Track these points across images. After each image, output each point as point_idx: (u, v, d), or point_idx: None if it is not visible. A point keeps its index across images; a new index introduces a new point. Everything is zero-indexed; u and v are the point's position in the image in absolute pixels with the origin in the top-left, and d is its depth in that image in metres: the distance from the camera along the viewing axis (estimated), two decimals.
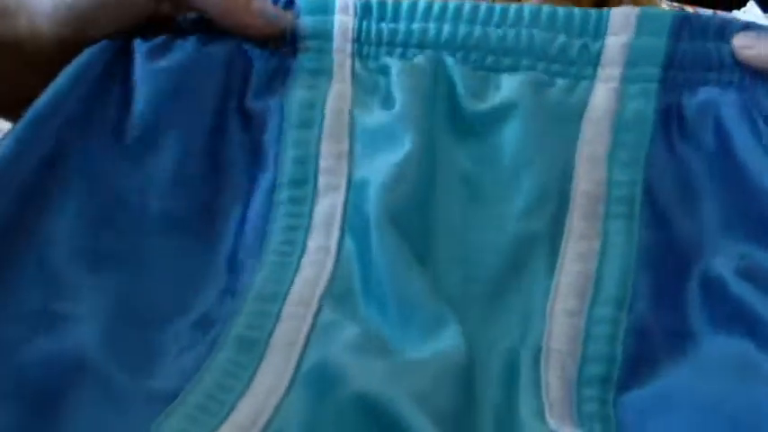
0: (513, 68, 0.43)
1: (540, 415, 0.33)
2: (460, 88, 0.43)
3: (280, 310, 0.36)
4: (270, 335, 0.35)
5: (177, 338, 0.35)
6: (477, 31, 0.44)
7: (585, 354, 0.35)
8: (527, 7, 0.44)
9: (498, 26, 0.44)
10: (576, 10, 0.44)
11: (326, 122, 0.42)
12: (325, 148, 0.41)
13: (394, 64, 0.43)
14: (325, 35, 0.44)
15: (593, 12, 0.43)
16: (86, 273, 0.36)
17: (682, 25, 0.42)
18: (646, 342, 0.36)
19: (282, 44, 0.44)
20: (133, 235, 0.39)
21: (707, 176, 0.40)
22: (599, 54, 0.43)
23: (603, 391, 0.35)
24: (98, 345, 0.33)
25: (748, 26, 0.43)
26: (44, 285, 0.35)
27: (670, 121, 0.42)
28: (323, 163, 0.41)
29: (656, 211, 0.39)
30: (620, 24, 0.43)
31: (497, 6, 0.45)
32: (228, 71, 0.43)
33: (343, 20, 0.44)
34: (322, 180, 0.40)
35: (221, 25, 0.44)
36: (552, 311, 0.37)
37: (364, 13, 0.45)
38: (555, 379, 0.34)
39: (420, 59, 0.43)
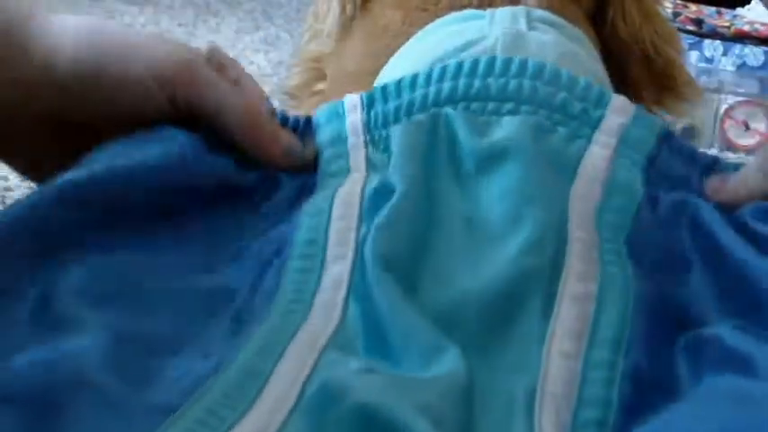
0: (515, 112, 0.44)
1: None
2: (462, 131, 0.44)
3: (284, 350, 0.36)
4: (274, 366, 0.35)
5: (178, 365, 0.35)
6: (478, 83, 0.45)
7: (581, 397, 0.35)
8: (531, 61, 0.46)
9: (499, 77, 0.45)
10: (581, 78, 0.46)
11: (336, 205, 0.42)
12: (334, 226, 0.42)
13: (394, 129, 0.45)
14: (340, 140, 0.46)
15: (595, 85, 0.46)
16: (89, 307, 0.36)
17: (667, 136, 0.45)
18: (642, 386, 0.35)
19: (304, 168, 0.45)
20: (138, 280, 0.39)
21: (690, 248, 0.41)
22: (599, 120, 0.45)
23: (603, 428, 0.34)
24: (98, 358, 0.33)
25: (716, 161, 0.46)
26: (46, 318, 0.35)
27: (651, 202, 0.43)
28: (331, 239, 0.41)
29: (643, 268, 0.40)
30: (620, 107, 0.45)
31: (498, 59, 0.46)
32: (257, 195, 0.44)
33: (353, 119, 0.46)
34: (330, 252, 0.40)
35: (243, 149, 0.45)
36: (548, 354, 0.36)
37: (370, 102, 0.46)
38: (549, 424, 0.34)
39: (419, 116, 0.45)
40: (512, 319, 0.37)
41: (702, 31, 1.27)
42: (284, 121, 0.47)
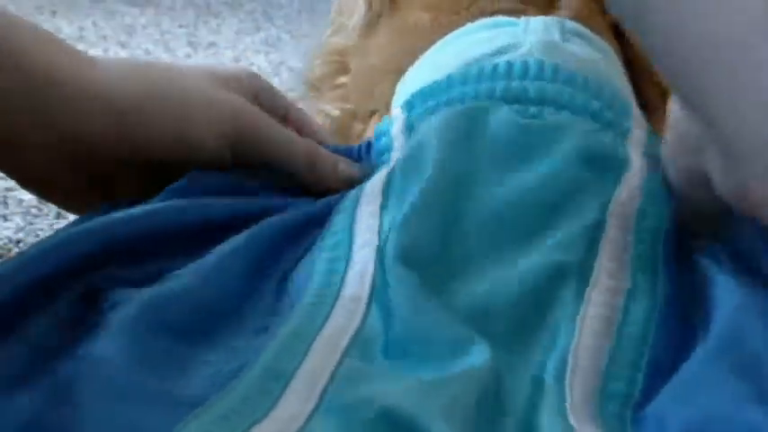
0: (555, 114, 0.46)
1: (563, 416, 0.34)
2: (504, 122, 0.44)
3: (307, 350, 0.36)
4: (297, 368, 0.35)
5: (207, 356, 0.36)
6: (516, 84, 0.46)
7: (609, 372, 0.36)
8: (562, 68, 0.47)
9: (534, 80, 0.47)
10: (606, 87, 0.48)
11: (366, 189, 0.43)
12: (361, 210, 0.42)
13: (429, 119, 0.46)
14: (386, 147, 0.47)
15: (619, 95, 0.48)
16: (130, 291, 0.37)
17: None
18: (665, 376, 0.36)
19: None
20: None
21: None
22: (629, 130, 0.46)
23: (624, 408, 0.35)
24: (125, 346, 0.34)
25: None
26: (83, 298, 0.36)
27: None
28: (358, 225, 0.42)
29: (672, 272, 0.41)
30: (639, 118, 0.47)
31: (532, 61, 0.47)
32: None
33: (396, 126, 0.48)
34: (357, 240, 0.41)
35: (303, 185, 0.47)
36: (581, 330, 0.37)
37: (410, 107, 0.48)
38: (579, 387, 0.35)
39: (458, 107, 0.46)
40: (543, 308, 0.39)
41: None
42: (337, 152, 0.49)
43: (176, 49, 1.30)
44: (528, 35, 0.54)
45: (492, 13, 0.59)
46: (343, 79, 0.68)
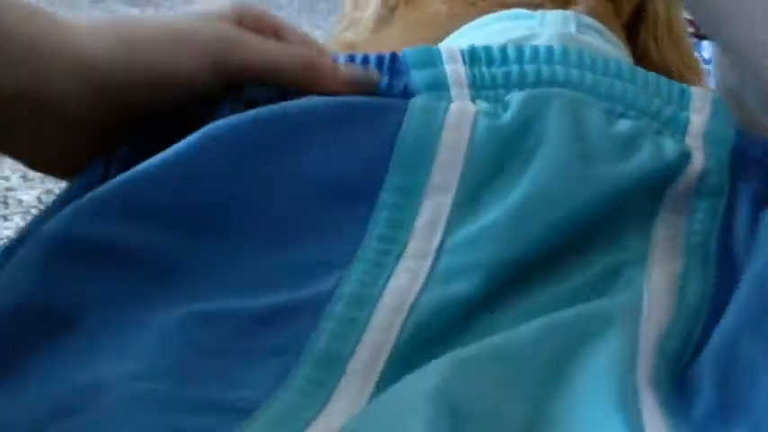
0: (624, 115, 0.45)
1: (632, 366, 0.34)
2: (593, 118, 0.44)
3: (368, 317, 0.35)
4: (353, 348, 0.35)
5: (255, 336, 0.35)
6: (589, 77, 0.45)
7: (669, 331, 0.37)
8: (625, 65, 0.47)
9: (604, 75, 0.46)
10: (663, 79, 0.47)
11: (447, 124, 0.42)
12: (444, 142, 0.41)
13: (518, 96, 0.44)
14: (438, 85, 0.45)
15: (675, 83, 0.46)
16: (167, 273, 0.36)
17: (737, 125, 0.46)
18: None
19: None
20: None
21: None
22: (687, 123, 0.45)
23: (674, 365, 0.36)
24: (163, 357, 0.33)
25: None
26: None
27: (734, 197, 0.44)
28: (440, 155, 0.41)
29: (725, 265, 0.41)
30: (700, 106, 0.46)
31: (599, 58, 0.47)
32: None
33: (454, 69, 0.45)
34: (435, 176, 0.40)
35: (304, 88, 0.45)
36: (650, 282, 0.38)
37: (473, 60, 0.46)
38: (648, 336, 0.36)
39: (553, 91, 0.44)
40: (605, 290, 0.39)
41: (701, 32, 1.29)
42: (352, 59, 0.47)
43: None
44: (545, 28, 0.54)
45: (509, 6, 0.59)
46: None
